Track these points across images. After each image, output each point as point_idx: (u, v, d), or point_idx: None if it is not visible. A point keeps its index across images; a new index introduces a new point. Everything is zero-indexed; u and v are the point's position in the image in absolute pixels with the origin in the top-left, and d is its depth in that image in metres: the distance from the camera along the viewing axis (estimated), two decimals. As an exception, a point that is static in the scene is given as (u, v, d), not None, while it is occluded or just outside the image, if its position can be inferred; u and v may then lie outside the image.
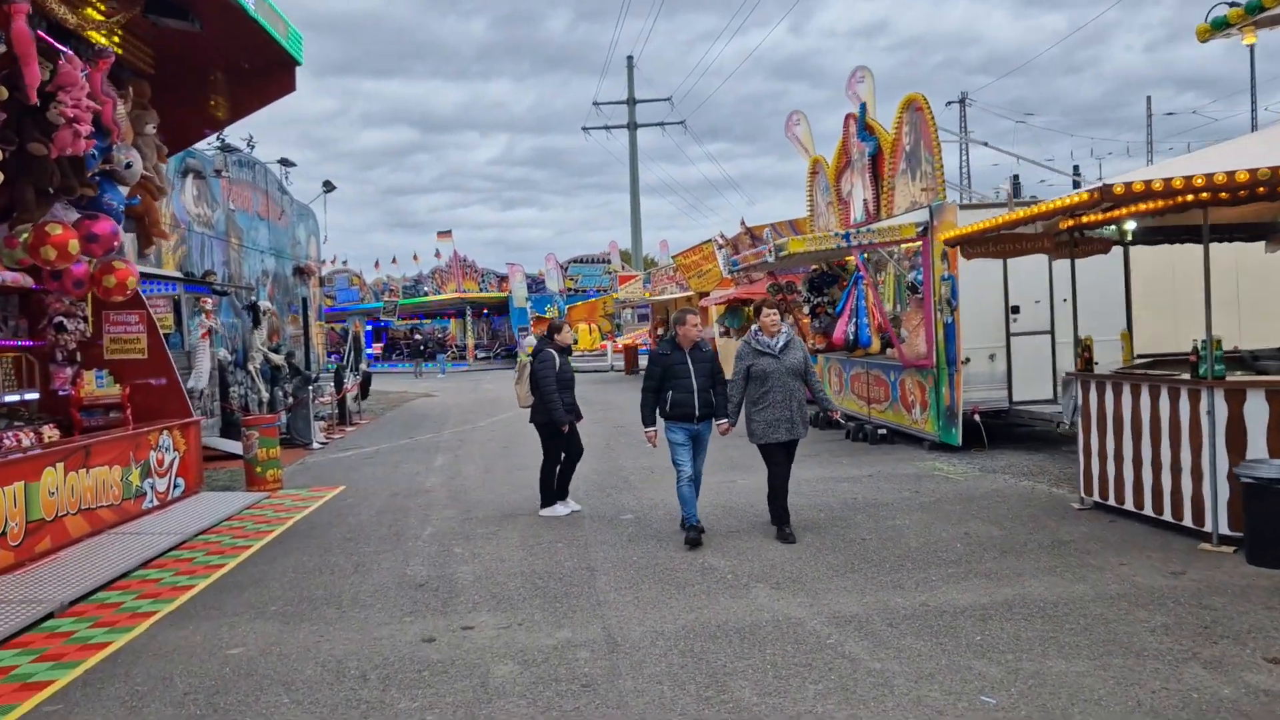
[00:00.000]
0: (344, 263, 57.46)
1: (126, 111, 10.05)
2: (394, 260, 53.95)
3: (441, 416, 21.55)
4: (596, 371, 38.78)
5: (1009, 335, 11.80)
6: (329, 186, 24.87)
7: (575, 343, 43.57)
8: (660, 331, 33.41)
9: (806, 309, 14.60)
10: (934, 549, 7.33)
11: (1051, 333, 11.77)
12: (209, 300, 14.69)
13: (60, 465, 8.43)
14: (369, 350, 53.33)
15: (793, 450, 8.09)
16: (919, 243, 11.84)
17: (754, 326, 8.16)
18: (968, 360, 11.55)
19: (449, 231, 49.05)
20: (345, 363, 23.96)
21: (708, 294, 26.88)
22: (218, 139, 17.89)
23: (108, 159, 9.63)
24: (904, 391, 12.64)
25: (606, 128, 60.12)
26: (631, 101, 59.39)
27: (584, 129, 63.71)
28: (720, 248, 22.04)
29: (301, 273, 23.76)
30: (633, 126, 59.17)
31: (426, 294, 50.60)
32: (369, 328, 54.92)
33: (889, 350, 13.05)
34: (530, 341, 37.94)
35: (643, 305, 43.54)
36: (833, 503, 9.38)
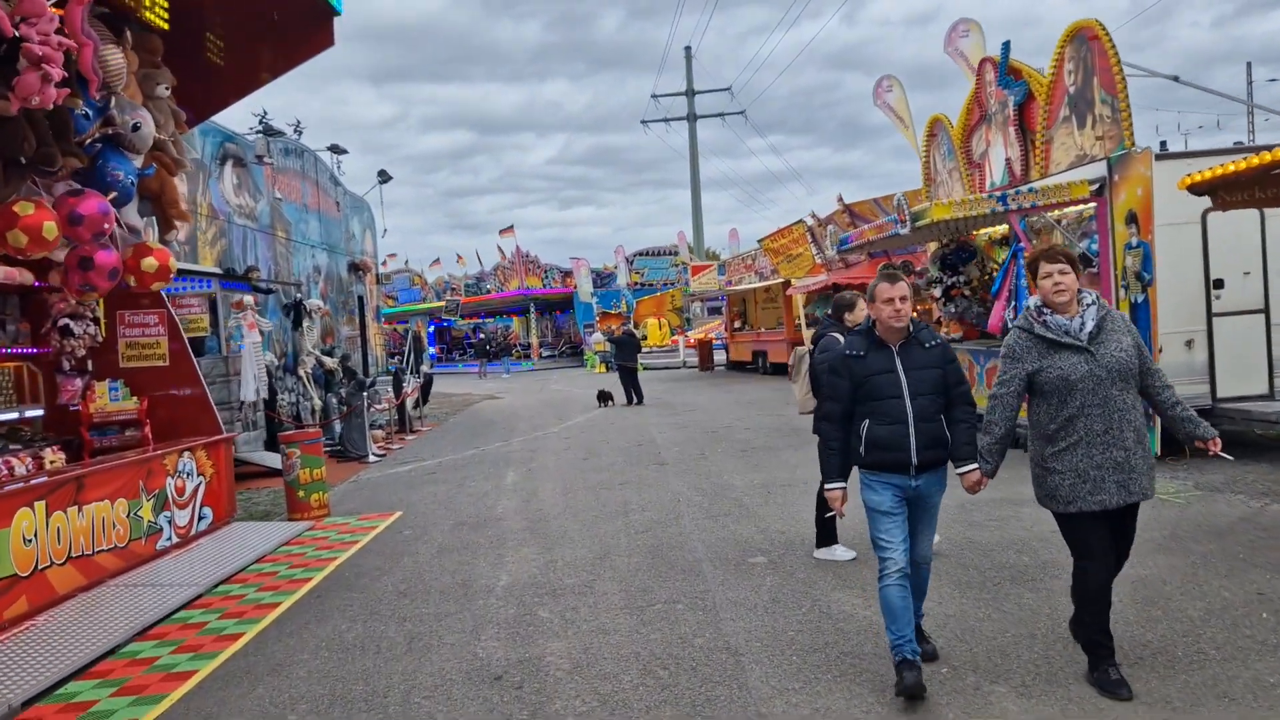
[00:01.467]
0: (405, 262, 56.46)
1: (133, 70, 8.30)
2: (459, 258, 52.60)
3: (509, 421, 19.73)
4: (668, 369, 36.76)
5: (1210, 316, 9.50)
6: (385, 176, 23.22)
7: (645, 338, 41.70)
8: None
9: (938, 291, 12.41)
10: (1234, 624, 5.14)
11: (1266, 311, 9.45)
12: (249, 298, 12.99)
13: (40, 504, 6.65)
14: (430, 350, 52.23)
15: (1130, 524, 4.58)
16: (1092, 205, 9.60)
17: (1031, 302, 4.63)
18: (1160, 349, 9.28)
19: (511, 227, 47.41)
20: (405, 365, 22.30)
21: (789, 283, 24.71)
22: (260, 122, 16.26)
23: (107, 120, 7.88)
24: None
25: (665, 120, 58.41)
26: (691, 93, 57.59)
27: (643, 122, 62.57)
28: (815, 227, 19.89)
29: (357, 269, 22.15)
30: (692, 118, 57.41)
31: (489, 291, 49.09)
32: (431, 327, 53.84)
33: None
34: (598, 337, 36.06)
35: (713, 298, 41.47)
36: (1031, 540, 7.22)
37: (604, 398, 21.29)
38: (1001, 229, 12.83)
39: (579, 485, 10.97)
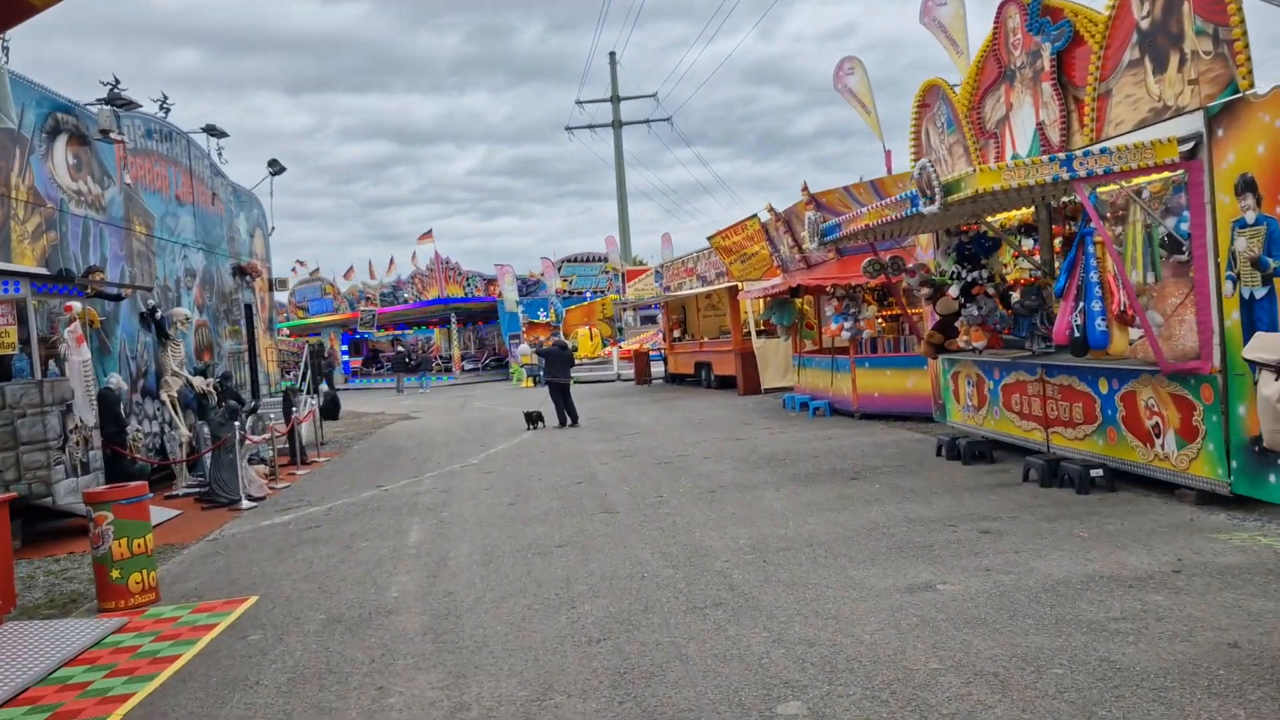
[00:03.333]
0: (315, 271, 52.92)
1: None
2: (370, 266, 49.24)
3: (423, 449, 16.91)
4: (601, 382, 34.12)
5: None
6: (276, 167, 20.19)
7: (575, 349, 39.02)
8: (677, 333, 28.82)
9: (955, 289, 10.03)
10: None
11: None
12: (78, 305, 10.02)
13: None
14: (345, 364, 48.75)
15: None
16: (1178, 171, 7.30)
17: None
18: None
19: (429, 232, 44.28)
20: (301, 385, 19.32)
21: (737, 289, 22.29)
22: (110, 92, 13.22)
23: None
24: (1135, 410, 8.08)
25: (591, 127, 56.60)
26: (616, 98, 55.79)
27: (567, 129, 60.23)
28: (772, 223, 17.45)
29: (243, 273, 19.08)
30: (617, 124, 55.69)
31: (406, 300, 45.87)
32: (345, 341, 50.38)
33: (1132, 343, 8.50)
34: (525, 349, 33.21)
35: (646, 306, 39.02)
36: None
37: (533, 419, 18.58)
38: (1020, 214, 10.53)
39: (504, 548, 8.29)
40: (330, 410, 19.26)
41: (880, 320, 16.64)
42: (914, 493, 9.11)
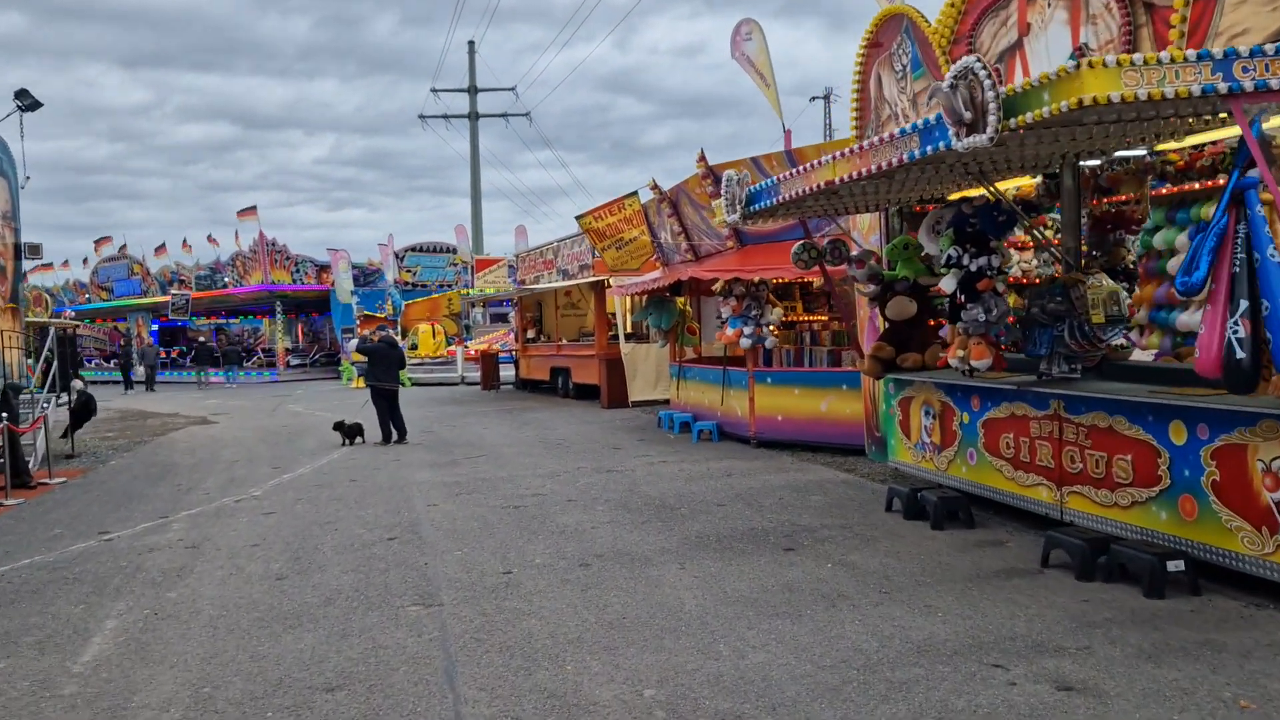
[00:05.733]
0: (123, 248, 46.83)
1: None
2: (184, 244, 43.69)
3: (200, 468, 12.98)
4: (444, 385, 30.36)
5: None
6: (27, 101, 15.76)
7: (414, 347, 35.03)
8: (531, 334, 25.45)
9: (950, 283, 7.07)
10: None
11: None
12: None
13: None
14: (146, 355, 42.99)
15: None
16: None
17: None
18: None
19: (253, 208, 39.30)
20: (45, 382, 15.06)
21: (606, 283, 19.12)
22: None
23: None
24: (1243, 474, 5.29)
25: (446, 116, 53.15)
26: (473, 89, 52.38)
27: (421, 117, 56.54)
28: (654, 203, 14.31)
29: (-31, 232, 14.61)
30: (474, 116, 52.39)
31: (226, 285, 40.69)
32: (154, 328, 44.60)
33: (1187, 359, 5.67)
34: (355, 345, 29.14)
35: (497, 302, 35.43)
36: None
37: (349, 433, 14.87)
38: (1028, 182, 7.72)
39: (233, 689, 4.80)
40: (83, 413, 14.99)
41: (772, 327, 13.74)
42: (890, 582, 6.11)
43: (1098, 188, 7.06)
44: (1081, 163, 6.65)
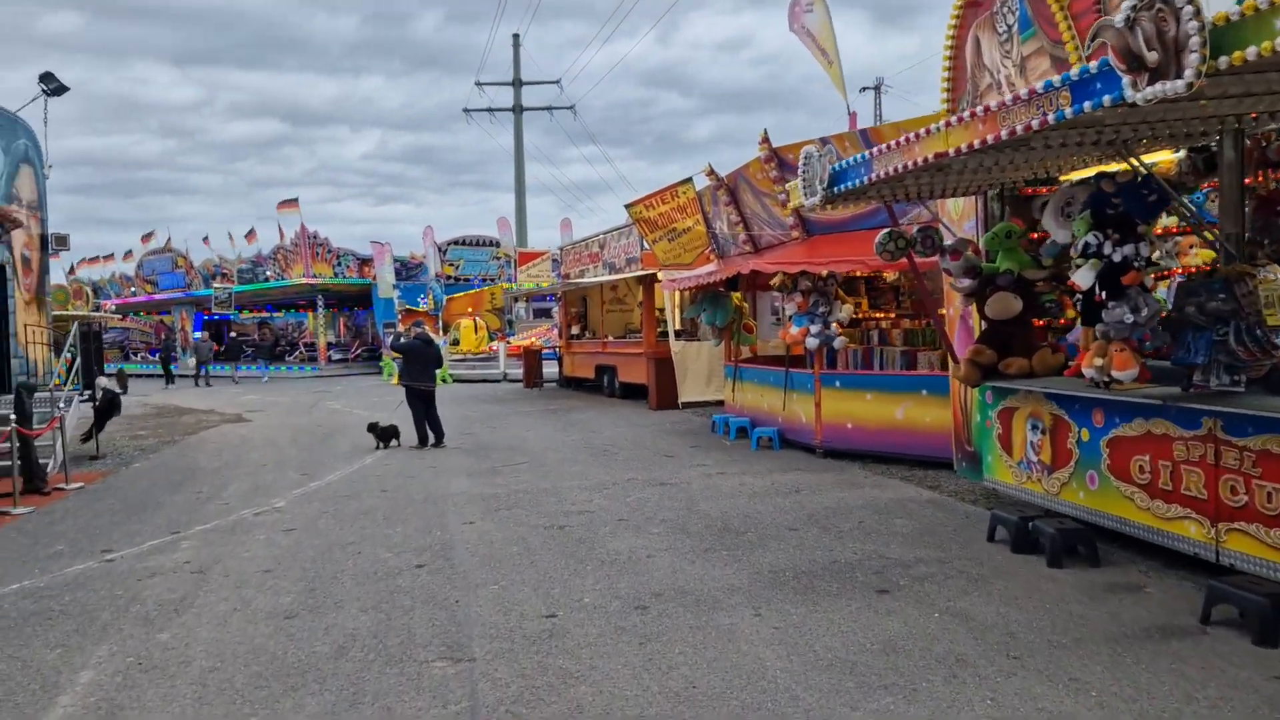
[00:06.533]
0: (167, 241, 46.66)
1: None
2: (229, 237, 43.33)
3: (223, 472, 12.16)
4: (486, 381, 29.54)
5: None
6: (53, 85, 15.06)
7: (456, 343, 34.26)
8: (575, 330, 24.51)
9: (1088, 275, 5.89)
10: None
11: None
12: None
13: None
14: (186, 350, 42.69)
15: None
16: None
17: None
18: None
19: (294, 200, 38.82)
20: (67, 378, 14.36)
21: (655, 277, 18.10)
22: None
23: None
24: None
25: (490, 110, 52.22)
26: (518, 82, 51.46)
27: (465, 110, 55.61)
28: (710, 190, 13.18)
29: (-10, 221, 13.92)
30: (518, 109, 51.48)
31: (267, 278, 40.26)
32: (198, 323, 44.32)
33: None
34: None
35: (541, 297, 34.53)
36: None
37: (384, 435, 14.00)
38: (1166, 157, 6.52)
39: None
40: (108, 411, 14.26)
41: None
42: (1016, 641, 5.00)
43: (1264, 160, 5.88)
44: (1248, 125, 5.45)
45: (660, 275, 17.89)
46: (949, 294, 8.76)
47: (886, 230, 7.69)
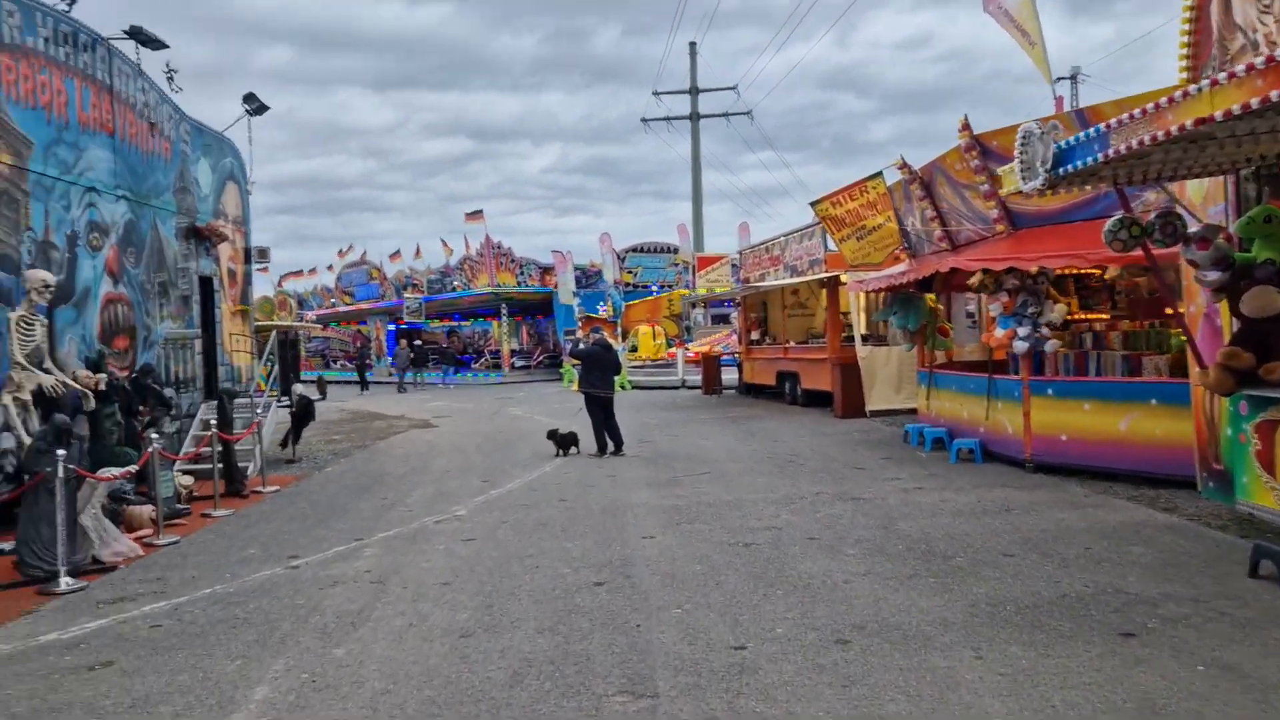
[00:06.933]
0: (363, 255, 49.11)
1: None
2: (417, 251, 45.11)
3: (408, 479, 12.27)
4: (663, 388, 29.33)
5: None
6: (255, 105, 15.77)
7: (634, 349, 34.30)
8: (755, 335, 23.89)
9: None
10: None
11: None
12: None
13: None
14: (388, 359, 44.68)
15: None
16: None
17: None
18: None
19: (479, 212, 39.96)
20: (235, 387, 14.94)
21: (837, 279, 17.28)
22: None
23: None
24: None
25: (668, 119, 52.04)
26: (695, 90, 51.04)
27: (643, 120, 55.80)
28: (901, 185, 12.32)
29: (200, 236, 14.68)
30: (695, 117, 51.00)
31: (456, 288, 41.58)
32: (391, 328, 46.37)
33: None
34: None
35: (719, 302, 34.07)
36: None
37: (563, 443, 13.85)
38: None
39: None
40: (303, 418, 14.77)
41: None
42: (1313, 707, 4.10)
43: None
44: None
45: (844, 277, 17.07)
46: (1190, 289, 7.69)
47: (1118, 217, 6.75)
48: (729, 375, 26.81)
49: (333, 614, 6.28)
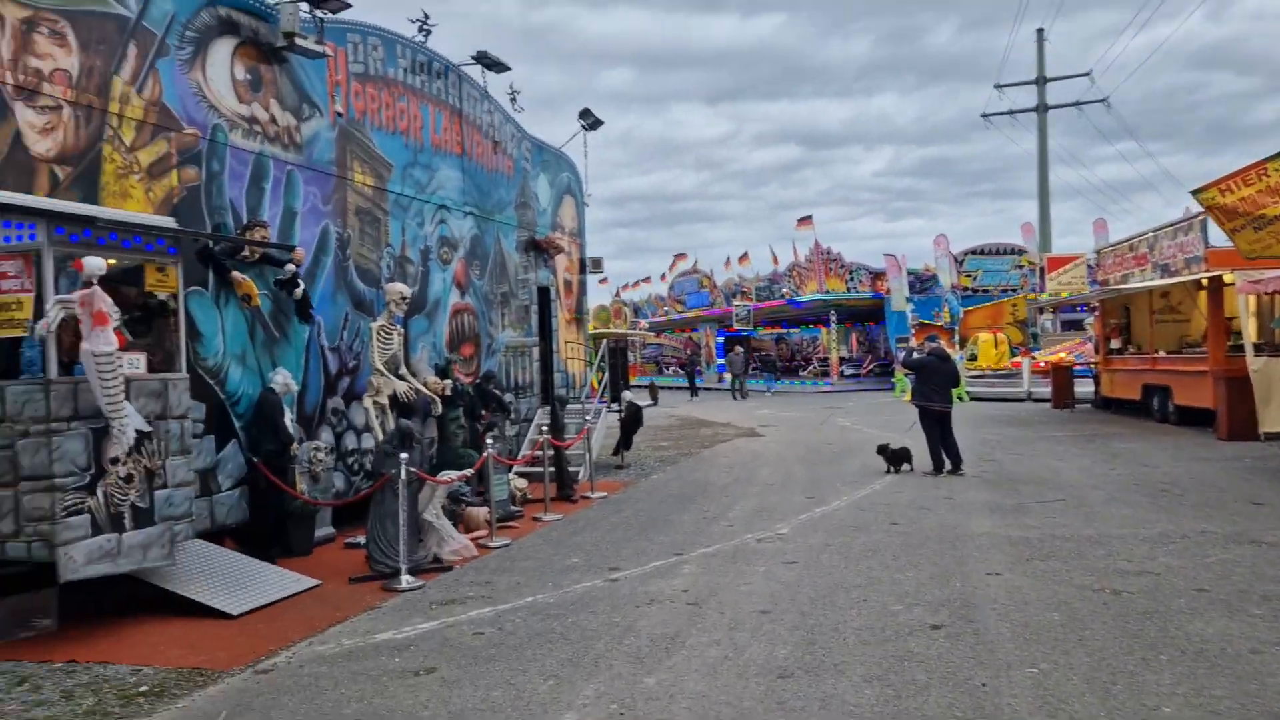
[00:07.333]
0: (695, 263, 50.26)
1: None
2: (743, 257, 45.34)
3: (730, 490, 11.97)
4: (1006, 401, 27.20)
5: None
6: (590, 120, 16.29)
7: (973, 358, 32.13)
8: (1115, 344, 21.41)
9: None
10: None
11: None
12: (97, 262, 6.26)
13: None
14: (720, 364, 45.38)
15: None
16: None
17: None
18: None
19: (809, 217, 39.36)
20: (569, 394, 15.32)
21: (1219, 279, 14.89)
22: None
23: None
24: None
25: (1011, 113, 48.33)
26: (1041, 80, 47.02)
27: (984, 115, 52.11)
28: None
29: (538, 249, 15.36)
30: (1042, 108, 46.94)
31: (783, 296, 41.31)
32: (720, 337, 47.02)
33: None
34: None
35: (1070, 307, 31.07)
36: None
37: (894, 459, 12.95)
38: None
39: None
40: (632, 424, 14.99)
41: None
42: None
43: None
44: None
45: (1229, 276, 14.67)
46: None
47: None
48: (1082, 387, 24.25)
49: (647, 636, 6.00)
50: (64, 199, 7.13)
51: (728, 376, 37.32)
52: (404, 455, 7.99)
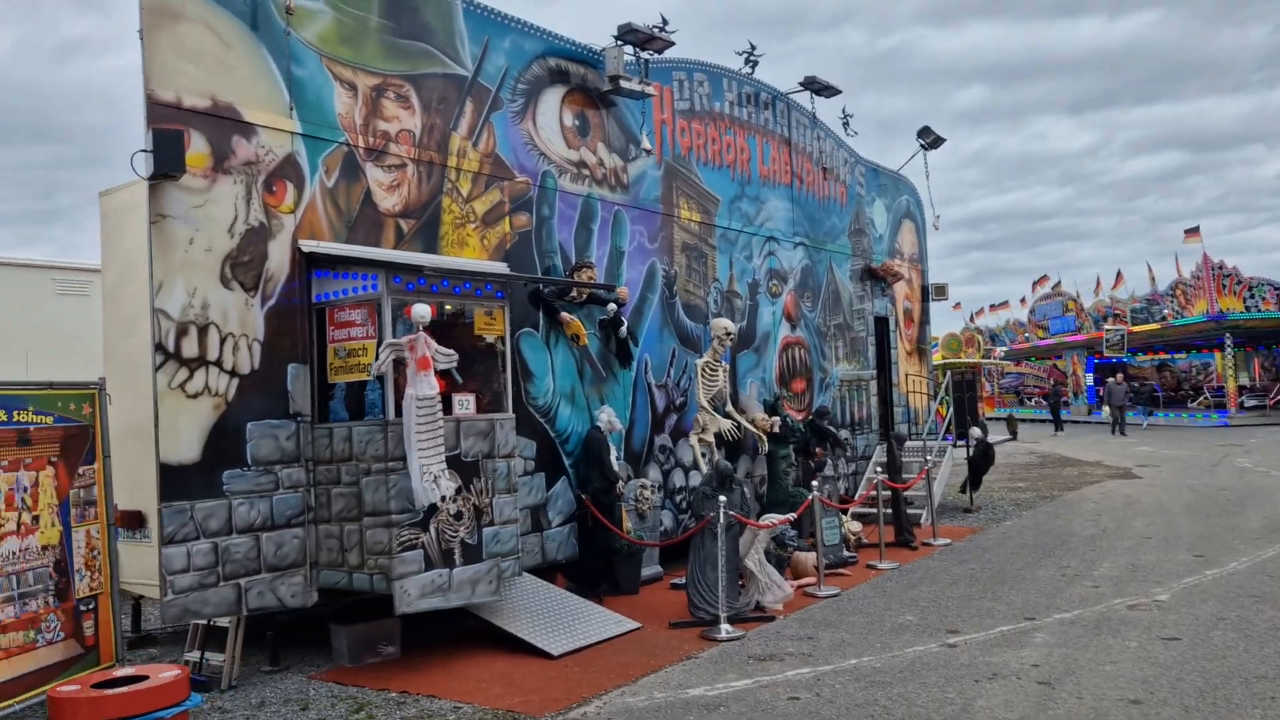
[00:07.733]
0: (1056, 285, 46.33)
1: None
2: (1118, 277, 41.01)
3: (1096, 543, 10.49)
4: None
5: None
6: (930, 138, 15.32)
7: None
8: None
9: None
10: None
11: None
12: (424, 309, 6.54)
13: None
14: (1090, 392, 41.38)
15: None
16: None
17: None
18: None
19: (1196, 229, 34.85)
20: (907, 430, 14.31)
21: None
22: (623, 37, 9.73)
23: None
24: None
25: None
26: None
27: None
28: None
29: (874, 276, 14.63)
30: None
31: (1164, 317, 36.82)
32: (1089, 367, 42.87)
33: None
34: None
35: None
36: None
37: (1312, 512, 10.75)
38: None
39: None
40: (981, 464, 13.71)
41: None
42: None
43: None
44: None
45: None
46: None
47: None
48: None
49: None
50: (408, 250, 7.63)
51: (1104, 409, 33.49)
52: (722, 498, 7.68)
